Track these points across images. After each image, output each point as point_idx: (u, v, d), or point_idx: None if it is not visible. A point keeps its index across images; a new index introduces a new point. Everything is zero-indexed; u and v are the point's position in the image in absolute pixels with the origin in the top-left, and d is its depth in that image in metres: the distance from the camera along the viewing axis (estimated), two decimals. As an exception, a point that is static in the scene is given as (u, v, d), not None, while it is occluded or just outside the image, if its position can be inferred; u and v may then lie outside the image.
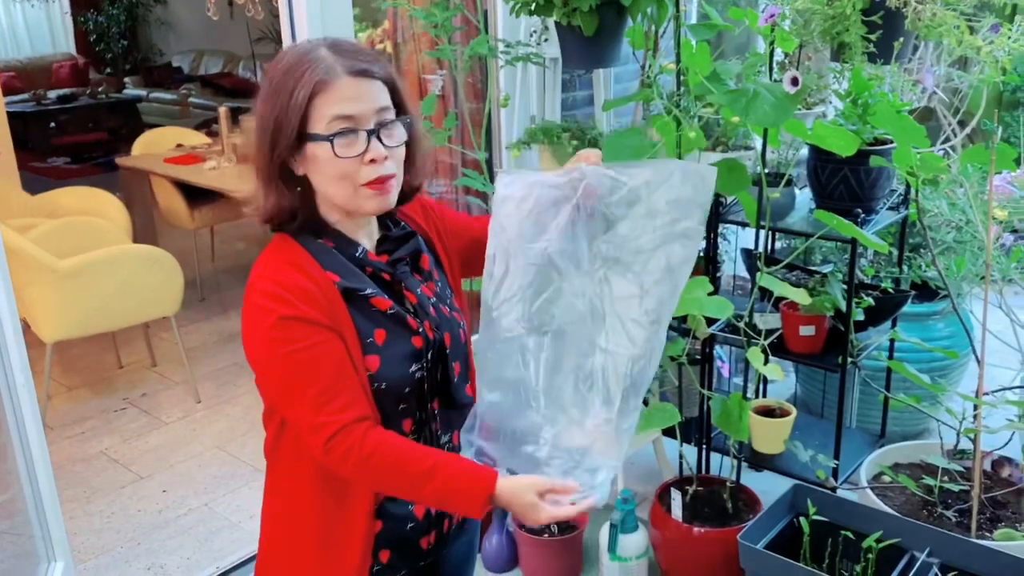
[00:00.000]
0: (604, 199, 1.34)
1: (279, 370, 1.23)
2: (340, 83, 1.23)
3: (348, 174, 1.25)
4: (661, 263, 1.33)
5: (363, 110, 1.24)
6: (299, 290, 1.23)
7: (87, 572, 2.62)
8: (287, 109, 1.22)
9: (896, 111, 2.10)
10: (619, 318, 1.35)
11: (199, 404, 3.66)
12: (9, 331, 1.96)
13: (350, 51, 1.26)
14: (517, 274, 1.34)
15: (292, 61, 1.25)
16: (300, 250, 1.29)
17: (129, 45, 10.57)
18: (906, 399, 2.47)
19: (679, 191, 1.33)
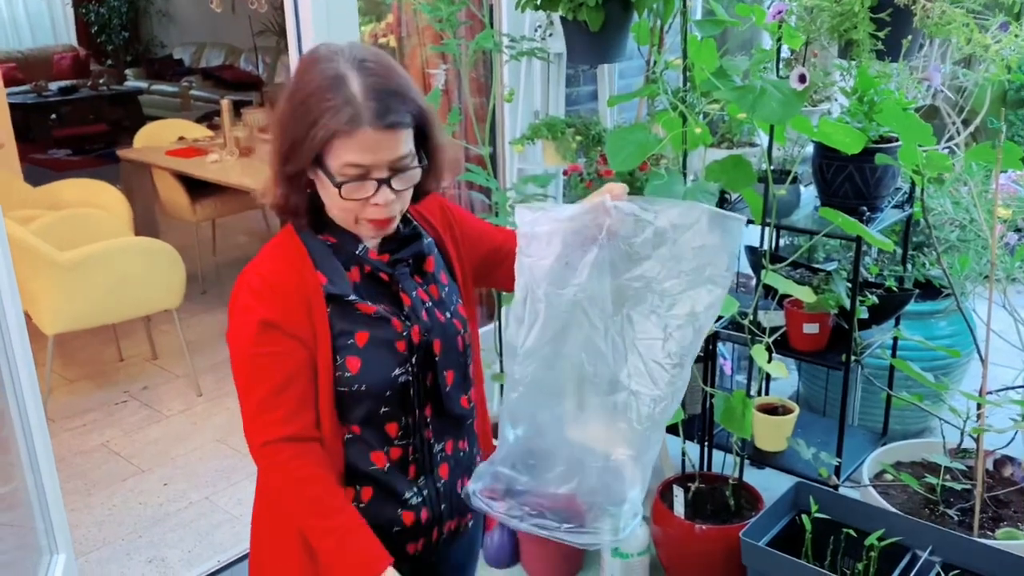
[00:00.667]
0: (628, 239, 1.32)
1: (242, 365, 1.28)
2: (362, 135, 1.21)
3: (351, 209, 1.27)
4: (686, 308, 1.32)
5: (378, 161, 1.24)
6: (283, 290, 1.27)
7: (89, 564, 2.62)
8: (303, 140, 1.22)
9: (902, 109, 2.10)
10: (641, 357, 1.34)
11: (200, 397, 3.66)
12: (13, 322, 1.96)
13: (383, 93, 1.22)
14: (548, 324, 1.32)
15: (321, 85, 1.22)
16: (299, 246, 1.31)
17: (130, 37, 10.54)
18: (909, 397, 2.46)
19: (706, 237, 1.31)
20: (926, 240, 2.95)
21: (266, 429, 1.26)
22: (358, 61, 1.24)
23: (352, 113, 1.20)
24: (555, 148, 2.80)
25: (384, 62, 1.27)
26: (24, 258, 3.19)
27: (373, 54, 1.27)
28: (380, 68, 1.25)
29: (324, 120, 1.20)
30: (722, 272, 1.32)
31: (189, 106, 8.76)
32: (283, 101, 1.28)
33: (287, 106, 1.26)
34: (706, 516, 2.39)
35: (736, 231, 1.32)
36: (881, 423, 2.80)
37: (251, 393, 1.27)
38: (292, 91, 1.26)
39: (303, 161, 1.24)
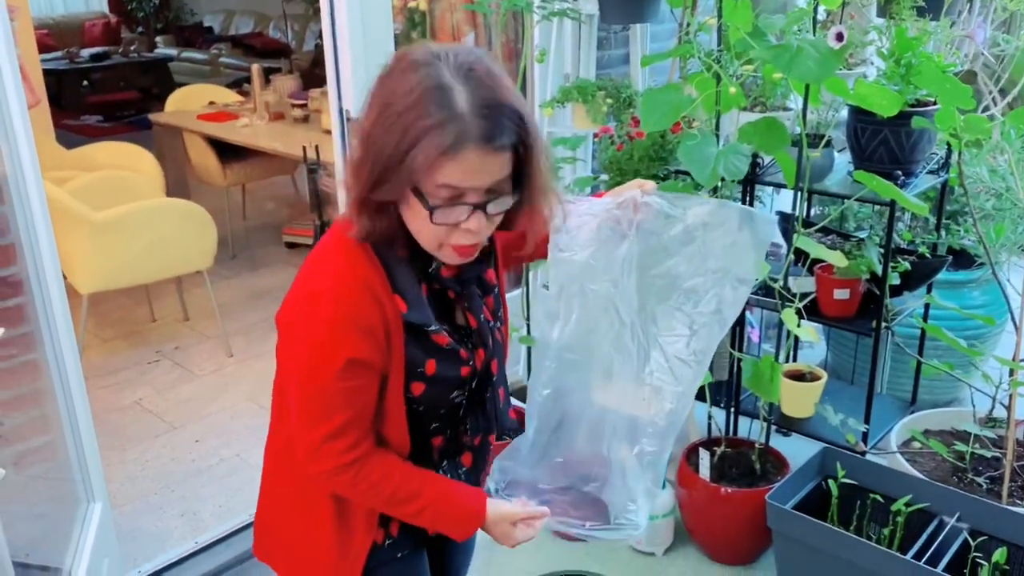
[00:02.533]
0: (658, 234, 1.30)
1: (316, 395, 1.20)
2: (466, 155, 1.07)
3: (439, 235, 1.16)
4: (712, 306, 1.32)
5: (477, 185, 1.11)
6: (366, 326, 1.16)
7: (123, 517, 2.68)
8: (402, 162, 1.08)
9: (941, 71, 2.06)
10: (664, 353, 1.34)
11: (231, 358, 3.71)
12: (52, 280, 2.00)
13: (493, 108, 1.08)
14: (582, 320, 1.31)
15: (421, 95, 1.07)
16: (375, 263, 1.19)
17: (160, 4, 10.57)
18: (939, 365, 2.45)
19: (736, 236, 1.30)
20: (960, 208, 2.91)
21: (332, 458, 1.22)
22: (464, 69, 1.09)
23: (458, 132, 1.06)
24: (585, 111, 2.79)
25: (492, 70, 1.12)
26: (60, 218, 3.23)
27: (478, 59, 1.12)
28: (489, 78, 1.10)
29: (426, 140, 1.06)
30: (749, 271, 1.32)
31: (219, 73, 8.79)
32: (372, 112, 1.12)
33: (377, 119, 1.10)
34: (731, 480, 2.40)
35: (766, 231, 1.32)
36: (910, 392, 2.79)
37: (323, 422, 1.20)
38: (383, 101, 1.10)
39: (398, 187, 1.11)
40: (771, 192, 3.10)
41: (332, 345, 1.16)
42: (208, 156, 4.76)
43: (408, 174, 1.08)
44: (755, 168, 2.42)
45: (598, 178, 2.76)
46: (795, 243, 2.16)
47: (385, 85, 1.12)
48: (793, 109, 2.51)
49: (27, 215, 1.91)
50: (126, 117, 8.19)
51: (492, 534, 1.31)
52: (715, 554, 2.47)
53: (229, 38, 9.62)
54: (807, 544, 2.11)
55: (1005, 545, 1.97)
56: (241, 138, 4.52)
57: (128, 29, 10.28)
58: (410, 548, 1.39)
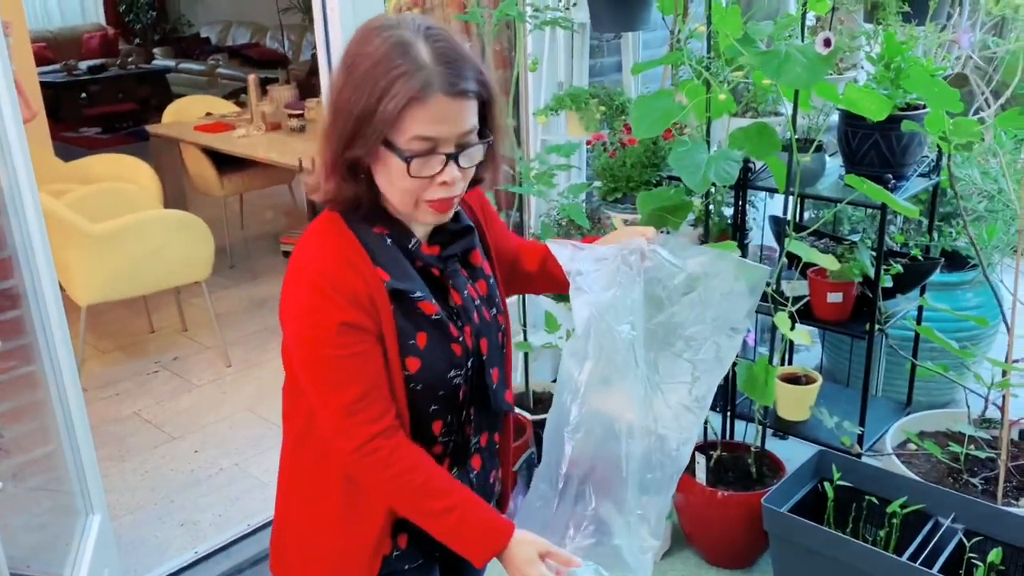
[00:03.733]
0: (663, 282, 1.33)
1: (320, 369, 1.21)
2: (434, 102, 1.13)
3: (414, 190, 1.19)
4: (712, 353, 1.36)
5: (448, 133, 1.16)
6: (350, 293, 1.19)
7: (122, 528, 2.69)
8: (373, 114, 1.13)
9: (930, 75, 2.08)
10: (666, 401, 1.37)
11: (229, 368, 3.72)
12: (48, 292, 2.01)
13: (453, 59, 1.15)
14: (609, 361, 1.32)
15: (387, 51, 1.13)
16: (352, 240, 1.23)
17: (158, 16, 10.62)
18: (934, 367, 2.46)
19: (732, 285, 1.34)
20: (953, 211, 2.93)
21: (359, 430, 1.21)
22: (423, 28, 1.16)
23: (425, 78, 1.12)
24: (579, 119, 2.81)
25: (447, 30, 1.19)
26: (57, 230, 3.24)
27: (435, 23, 1.19)
28: (446, 35, 1.17)
29: (396, 88, 1.11)
30: (742, 320, 1.37)
31: (216, 84, 8.82)
32: (340, 78, 1.17)
33: (346, 81, 1.16)
34: (728, 483, 2.41)
35: (759, 281, 1.36)
36: (905, 394, 2.80)
37: (338, 396, 1.20)
38: (350, 64, 1.16)
39: (373, 138, 1.14)
40: (764, 197, 3.11)
41: (321, 311, 1.19)
42: (205, 167, 4.78)
43: (381, 126, 1.13)
44: (747, 173, 2.44)
45: (591, 184, 2.78)
46: (787, 247, 2.18)
47: (351, 49, 1.18)
48: (784, 114, 2.53)
49: (23, 228, 1.92)
50: (124, 129, 8.21)
51: (512, 562, 1.24)
52: (712, 558, 2.47)
53: (226, 49, 9.66)
54: (804, 546, 2.12)
55: (1000, 545, 1.98)
56: (238, 148, 4.54)
57: (126, 41, 10.31)
58: (419, 561, 1.37)
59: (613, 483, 1.35)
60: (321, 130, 1.21)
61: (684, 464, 1.37)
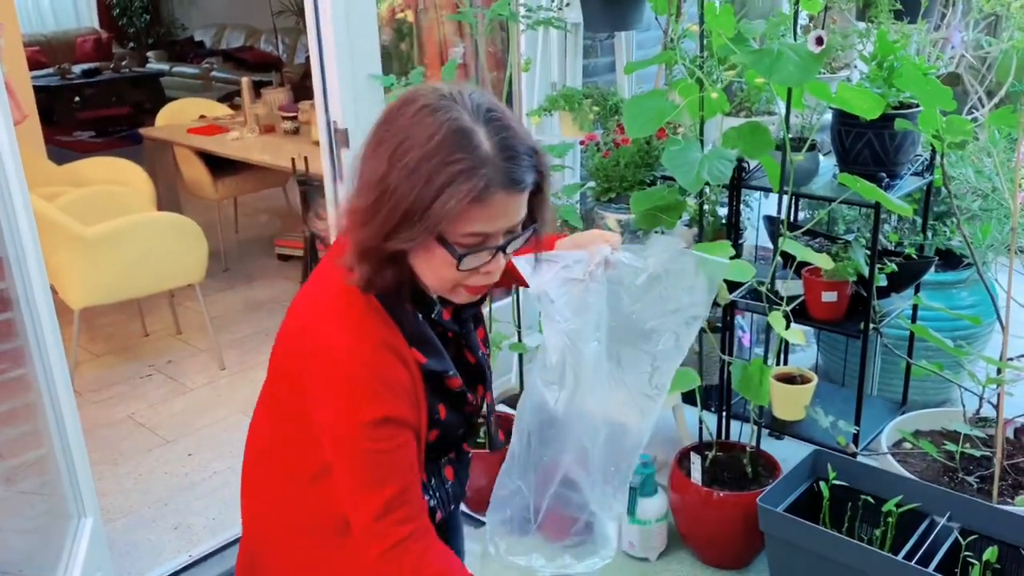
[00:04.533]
0: (624, 283, 1.36)
1: (359, 465, 1.15)
2: (495, 200, 1.06)
3: (457, 278, 1.13)
4: (671, 342, 1.39)
5: (501, 227, 1.10)
6: (397, 384, 1.14)
7: (116, 531, 2.68)
8: (427, 210, 1.04)
9: (923, 73, 2.08)
10: (629, 391, 1.40)
11: (223, 371, 3.71)
12: (40, 294, 2.00)
13: (513, 149, 1.07)
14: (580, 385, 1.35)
15: (444, 141, 1.04)
16: (387, 319, 1.16)
17: (152, 19, 10.60)
18: (928, 366, 2.46)
19: (693, 279, 1.38)
20: (947, 210, 2.93)
21: (392, 530, 1.15)
22: (483, 111, 1.07)
23: (488, 176, 1.04)
24: (572, 119, 2.80)
25: (505, 109, 1.11)
26: (50, 233, 3.24)
27: (490, 100, 1.11)
28: (505, 118, 1.09)
29: (456, 186, 1.02)
30: (702, 309, 1.41)
31: (210, 87, 8.81)
32: (383, 157, 1.07)
33: (392, 165, 1.05)
34: (723, 484, 2.40)
35: (719, 274, 1.41)
36: (900, 393, 2.80)
37: (376, 495, 1.15)
38: (398, 146, 1.05)
39: (423, 234, 1.06)
40: (758, 197, 3.11)
41: (367, 406, 1.12)
42: (199, 170, 4.77)
43: (434, 222, 1.04)
44: (741, 173, 2.44)
45: (585, 184, 2.78)
46: (781, 246, 2.17)
47: (396, 128, 1.07)
48: (777, 114, 2.53)
49: (14, 230, 1.91)
50: (118, 132, 8.20)
51: None
52: (708, 558, 2.47)
53: (220, 52, 9.65)
54: (799, 546, 2.12)
55: (996, 544, 1.98)
56: (231, 151, 4.53)
57: (119, 44, 10.30)
58: None
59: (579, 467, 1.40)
60: (353, 206, 1.10)
61: (642, 443, 1.42)
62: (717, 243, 2.10)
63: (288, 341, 1.21)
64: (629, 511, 2.39)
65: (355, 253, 1.11)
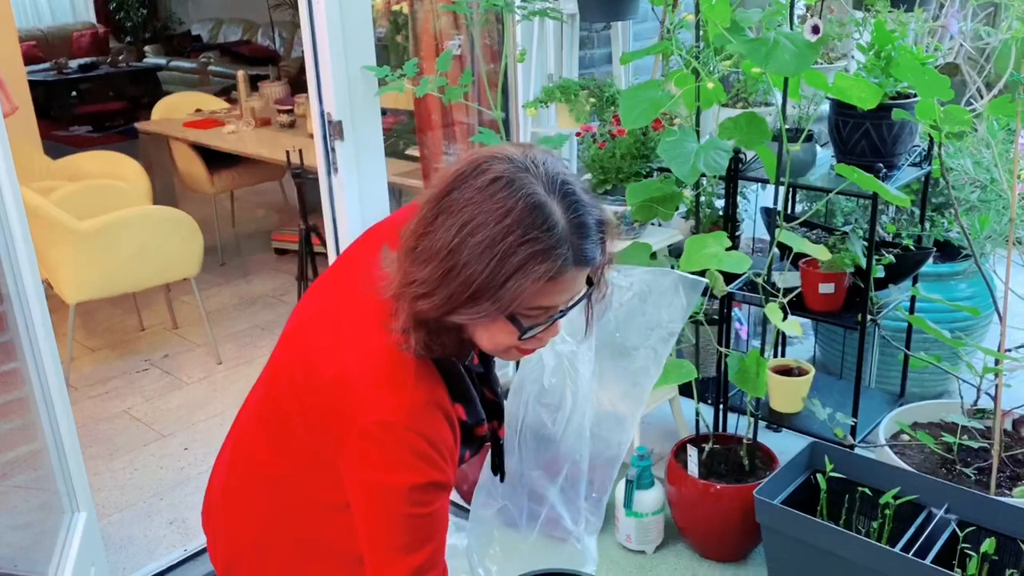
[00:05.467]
0: (614, 305, 1.37)
1: (395, 526, 1.11)
2: (567, 278, 1.03)
3: (515, 345, 1.10)
4: (650, 358, 1.41)
5: (567, 300, 1.08)
6: (444, 447, 1.10)
7: (111, 526, 2.67)
8: (498, 289, 1.00)
9: (920, 62, 2.06)
10: (610, 406, 1.43)
11: (220, 365, 3.69)
12: (31, 289, 1.98)
13: (586, 224, 1.04)
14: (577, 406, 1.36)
15: (519, 218, 0.99)
16: (438, 378, 1.12)
17: (148, 13, 10.56)
18: (927, 357, 2.45)
19: (672, 297, 1.41)
20: (946, 201, 2.92)
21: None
22: (557, 183, 1.03)
23: (563, 256, 1.00)
24: (569, 111, 2.79)
25: (575, 177, 1.06)
26: (44, 228, 3.22)
27: (563, 169, 1.06)
28: (577, 190, 1.05)
29: (530, 267, 0.99)
30: (678, 325, 1.44)
31: (208, 82, 8.78)
32: (451, 231, 1.00)
33: (464, 241, 0.99)
34: (720, 476, 2.40)
35: (697, 292, 1.44)
36: (898, 385, 2.79)
37: (410, 559, 1.11)
38: (469, 221, 1.00)
39: (491, 313, 1.02)
40: (756, 188, 3.10)
41: (417, 473, 1.08)
42: (195, 164, 4.75)
43: (507, 302, 1.01)
44: (737, 164, 2.42)
45: (581, 176, 2.76)
46: (778, 237, 2.16)
47: (464, 199, 1.01)
48: (774, 104, 2.51)
49: (4, 223, 1.90)
50: (115, 127, 8.17)
51: None
52: (706, 551, 2.46)
53: (217, 46, 9.61)
54: (796, 539, 2.11)
55: (994, 535, 1.97)
56: (227, 145, 4.52)
57: (116, 39, 10.26)
58: None
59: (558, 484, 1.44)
60: (407, 276, 1.04)
61: (623, 454, 1.45)
62: (713, 234, 2.08)
63: (316, 383, 1.14)
64: (626, 504, 2.38)
65: (411, 320, 1.07)
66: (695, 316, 2.29)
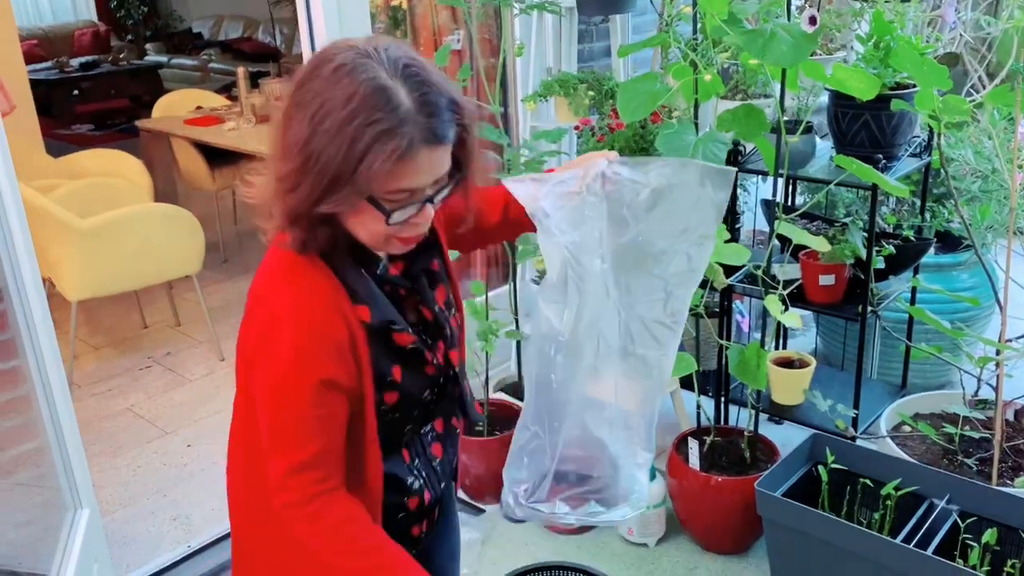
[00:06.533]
0: (626, 203, 1.27)
1: (285, 424, 1.15)
2: (419, 156, 1.06)
3: (389, 233, 1.13)
4: (683, 264, 1.30)
5: (427, 181, 1.10)
6: (336, 345, 1.13)
7: (115, 522, 2.68)
8: (353, 173, 1.03)
9: (919, 53, 2.06)
10: (643, 321, 1.31)
11: (222, 362, 3.70)
12: (31, 287, 1.98)
13: (434, 104, 1.06)
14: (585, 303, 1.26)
15: (363, 101, 1.02)
16: (331, 276, 1.15)
17: (149, 11, 10.56)
18: (928, 348, 2.44)
19: (698, 192, 1.28)
20: (946, 192, 2.91)
21: (303, 488, 1.15)
22: (400, 66, 1.05)
23: (410, 135, 1.03)
24: (568, 104, 2.78)
25: (424, 62, 1.09)
26: (46, 226, 3.23)
27: (408, 53, 1.09)
28: (423, 71, 1.07)
29: (379, 148, 1.02)
30: (711, 226, 1.30)
31: (209, 79, 8.78)
32: (302, 121, 1.05)
33: (314, 129, 1.04)
34: (722, 469, 2.40)
35: (726, 183, 1.29)
36: (900, 377, 2.78)
37: (294, 453, 1.14)
38: (317, 109, 1.04)
39: (352, 198, 1.06)
40: (756, 181, 3.09)
41: (303, 369, 1.11)
42: (196, 161, 4.75)
43: (363, 184, 1.05)
44: (737, 156, 2.42)
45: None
46: (777, 229, 2.16)
47: (312, 91, 1.05)
48: (773, 96, 2.51)
49: (3, 220, 1.90)
50: (117, 125, 8.17)
51: None
52: (707, 543, 2.46)
53: (218, 43, 9.62)
54: (798, 531, 2.11)
55: (995, 526, 1.96)
56: (228, 142, 4.52)
57: (117, 37, 10.27)
58: None
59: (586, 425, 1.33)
60: (275, 174, 1.09)
61: (667, 378, 1.35)
62: (712, 227, 2.08)
63: (244, 318, 1.20)
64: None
65: (286, 218, 1.11)
66: (695, 309, 2.29)
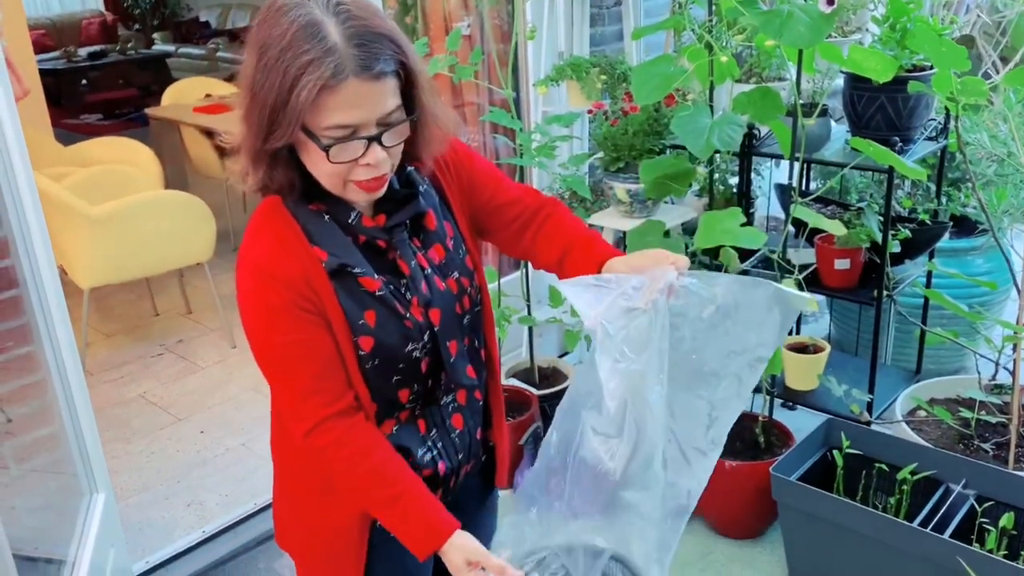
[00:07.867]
0: (687, 316, 1.18)
1: (268, 356, 1.20)
2: (346, 87, 1.08)
3: (340, 172, 1.15)
4: (732, 390, 1.21)
5: (367, 117, 1.11)
6: (285, 277, 1.17)
7: (129, 508, 2.69)
8: (287, 104, 1.08)
9: (937, 34, 2.03)
10: (679, 444, 1.22)
11: (234, 349, 3.70)
12: (47, 273, 1.99)
13: (366, 37, 1.09)
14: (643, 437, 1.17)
15: (295, 35, 1.08)
16: (289, 220, 1.20)
17: (156, 0, 10.55)
18: (943, 333, 2.43)
19: (764, 315, 1.19)
20: (962, 176, 2.89)
21: (313, 412, 1.19)
22: (333, 4, 1.10)
23: (336, 63, 1.06)
24: (580, 88, 2.77)
25: (363, 4, 1.13)
26: (57, 213, 3.23)
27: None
28: (359, 10, 1.11)
29: (306, 77, 1.06)
30: (770, 349, 1.21)
31: (217, 68, 8.77)
32: (251, 60, 1.12)
33: (257, 66, 1.10)
34: (736, 454, 2.39)
35: (796, 310, 1.20)
36: (915, 362, 2.77)
37: (290, 382, 1.19)
38: (260, 47, 1.10)
39: (290, 129, 1.10)
40: (770, 165, 3.07)
41: (259, 297, 1.18)
42: (206, 148, 4.74)
43: (295, 115, 1.09)
44: (751, 139, 2.40)
45: (593, 154, 2.75)
46: (793, 213, 2.14)
47: (260, 31, 1.12)
48: (788, 79, 2.49)
49: (18, 207, 1.90)
50: (125, 114, 8.18)
51: (448, 564, 1.22)
52: (722, 528, 2.46)
53: (226, 32, 9.59)
54: (813, 515, 2.10)
55: (1012, 510, 1.96)
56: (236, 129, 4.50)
57: (125, 27, 10.26)
58: None
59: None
60: (240, 113, 1.15)
61: (694, 504, 1.24)
62: (728, 210, 2.07)
63: None
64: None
65: (246, 158, 1.16)
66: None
